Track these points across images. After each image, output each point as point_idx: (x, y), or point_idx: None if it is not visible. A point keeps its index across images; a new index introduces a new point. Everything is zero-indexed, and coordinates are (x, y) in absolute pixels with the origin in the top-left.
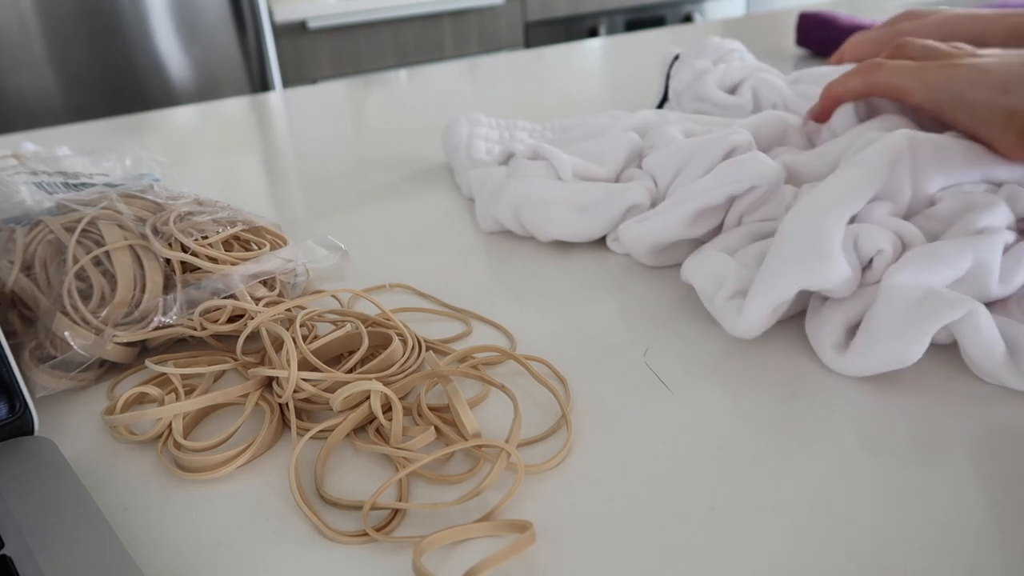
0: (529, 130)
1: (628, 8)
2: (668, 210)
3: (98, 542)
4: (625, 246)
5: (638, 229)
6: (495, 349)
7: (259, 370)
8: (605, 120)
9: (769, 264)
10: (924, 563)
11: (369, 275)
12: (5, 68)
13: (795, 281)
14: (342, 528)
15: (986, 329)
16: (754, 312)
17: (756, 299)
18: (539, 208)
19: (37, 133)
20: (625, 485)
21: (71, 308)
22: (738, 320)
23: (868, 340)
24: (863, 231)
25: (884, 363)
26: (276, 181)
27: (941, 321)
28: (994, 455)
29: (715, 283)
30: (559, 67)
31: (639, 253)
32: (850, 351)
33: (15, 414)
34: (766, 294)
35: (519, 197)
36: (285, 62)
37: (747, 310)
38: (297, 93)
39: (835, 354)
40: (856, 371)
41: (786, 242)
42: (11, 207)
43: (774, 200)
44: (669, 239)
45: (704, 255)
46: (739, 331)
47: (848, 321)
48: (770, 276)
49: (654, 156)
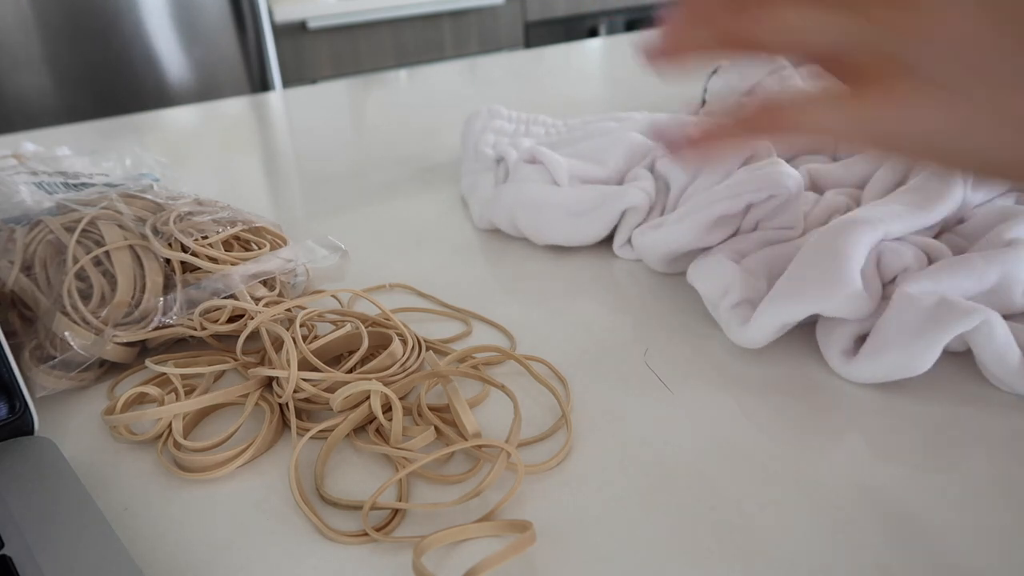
0: (548, 126)
1: (628, 8)
2: (684, 218)
3: (98, 542)
4: (638, 252)
5: (653, 236)
6: (495, 349)
7: (259, 370)
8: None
9: (786, 283)
10: (929, 570)
11: (369, 275)
12: (5, 68)
13: (809, 306)
14: (342, 528)
15: (1001, 337)
16: (761, 326)
17: (766, 315)
18: (535, 213)
19: (37, 133)
20: (625, 485)
21: (71, 308)
22: (744, 330)
23: (877, 347)
24: (888, 249)
25: (892, 371)
26: (276, 181)
27: (953, 331)
28: (1008, 462)
29: (720, 290)
30: (559, 67)
31: (653, 260)
32: (858, 357)
33: (15, 414)
34: (777, 313)
35: (515, 202)
36: (285, 62)
37: (755, 323)
38: (297, 93)
39: (843, 359)
40: (863, 378)
41: (807, 262)
42: (11, 207)
43: (792, 208)
44: (685, 247)
45: (711, 260)
46: (743, 341)
47: (860, 328)
48: (785, 295)
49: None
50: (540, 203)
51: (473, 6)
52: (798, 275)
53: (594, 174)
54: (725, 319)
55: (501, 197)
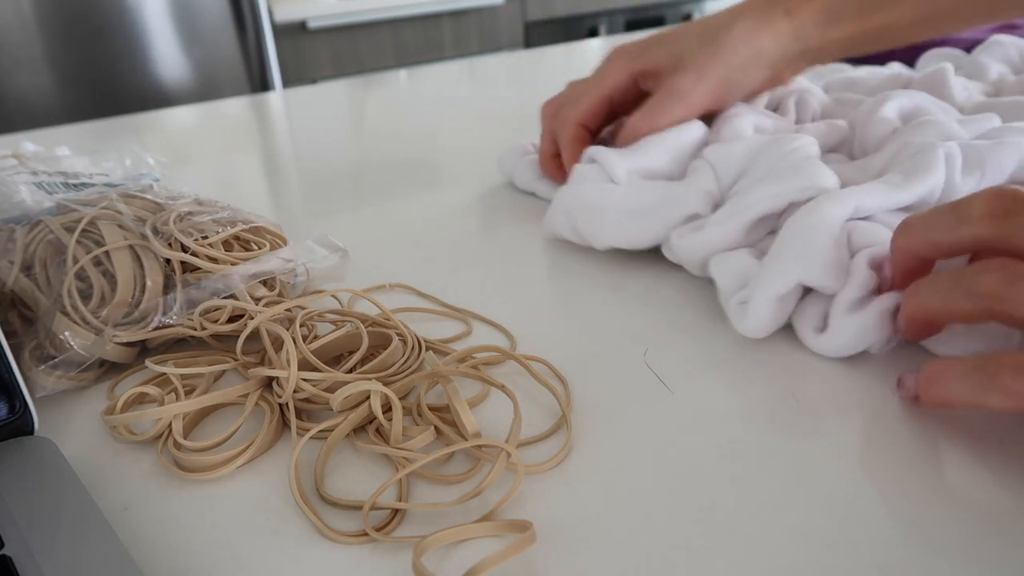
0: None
1: (628, 8)
2: (725, 220)
3: (98, 542)
4: (677, 256)
5: (693, 240)
6: (495, 349)
7: (259, 370)
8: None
9: (769, 259)
10: (927, 564)
11: (369, 275)
12: (5, 68)
13: (791, 272)
14: (342, 528)
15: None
16: (756, 308)
17: (757, 293)
18: (594, 215)
19: (37, 133)
20: (625, 485)
21: (71, 308)
22: (744, 319)
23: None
24: (856, 229)
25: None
26: (276, 181)
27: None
28: (1008, 455)
29: (737, 283)
30: (559, 67)
31: (693, 264)
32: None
33: (15, 414)
34: (766, 289)
35: (573, 204)
36: (285, 62)
37: (751, 308)
38: (297, 93)
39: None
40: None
41: (784, 237)
42: (11, 207)
43: None
44: (725, 250)
45: (736, 253)
46: (745, 329)
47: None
48: (769, 268)
49: (719, 149)
50: (599, 203)
51: (473, 6)
52: (777, 250)
53: (655, 166)
54: (732, 312)
55: (560, 200)
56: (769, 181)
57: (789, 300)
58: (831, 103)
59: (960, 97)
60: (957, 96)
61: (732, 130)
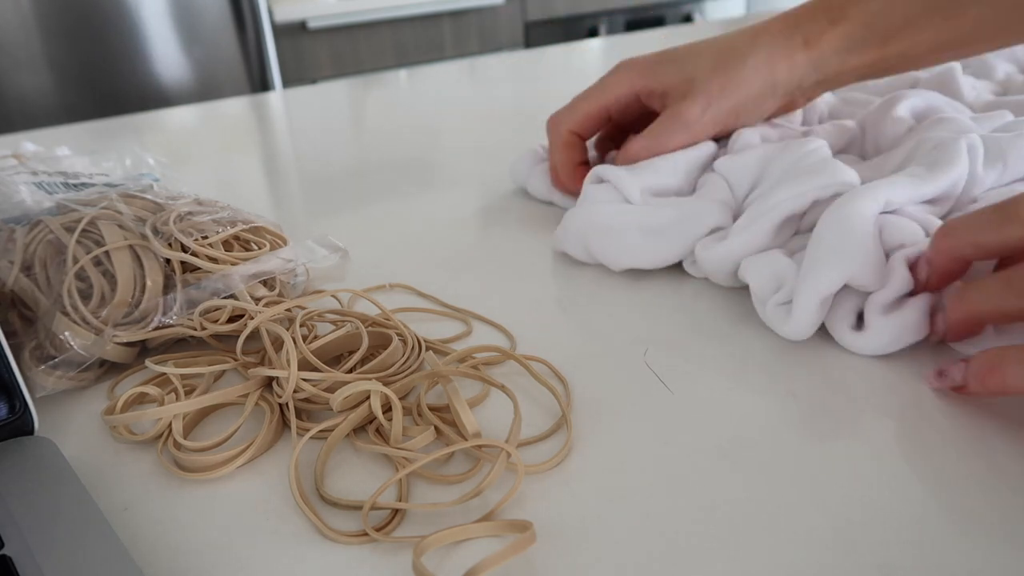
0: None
1: (628, 8)
2: (749, 225)
3: (98, 542)
4: (702, 269)
5: (718, 250)
6: (495, 349)
7: (259, 370)
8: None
9: (809, 260)
10: (931, 563)
11: (369, 275)
12: (5, 68)
13: (837, 271)
14: (342, 528)
15: None
16: (802, 311)
17: (802, 296)
18: (609, 237)
19: (37, 133)
20: (625, 485)
21: (71, 308)
22: (789, 322)
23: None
24: (886, 224)
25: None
26: (276, 181)
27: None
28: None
29: (772, 286)
30: (559, 67)
31: (720, 276)
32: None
33: (15, 414)
34: (811, 290)
35: (585, 225)
36: (285, 62)
37: (796, 310)
38: (297, 93)
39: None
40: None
41: (820, 237)
42: (11, 207)
43: None
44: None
45: (766, 254)
46: (791, 333)
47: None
48: (813, 270)
49: (730, 160)
50: (613, 223)
51: (473, 6)
52: (817, 249)
53: (667, 183)
54: (771, 315)
55: (571, 221)
56: (789, 183)
57: (829, 299)
58: (838, 103)
59: (969, 96)
60: (966, 95)
61: (740, 141)
